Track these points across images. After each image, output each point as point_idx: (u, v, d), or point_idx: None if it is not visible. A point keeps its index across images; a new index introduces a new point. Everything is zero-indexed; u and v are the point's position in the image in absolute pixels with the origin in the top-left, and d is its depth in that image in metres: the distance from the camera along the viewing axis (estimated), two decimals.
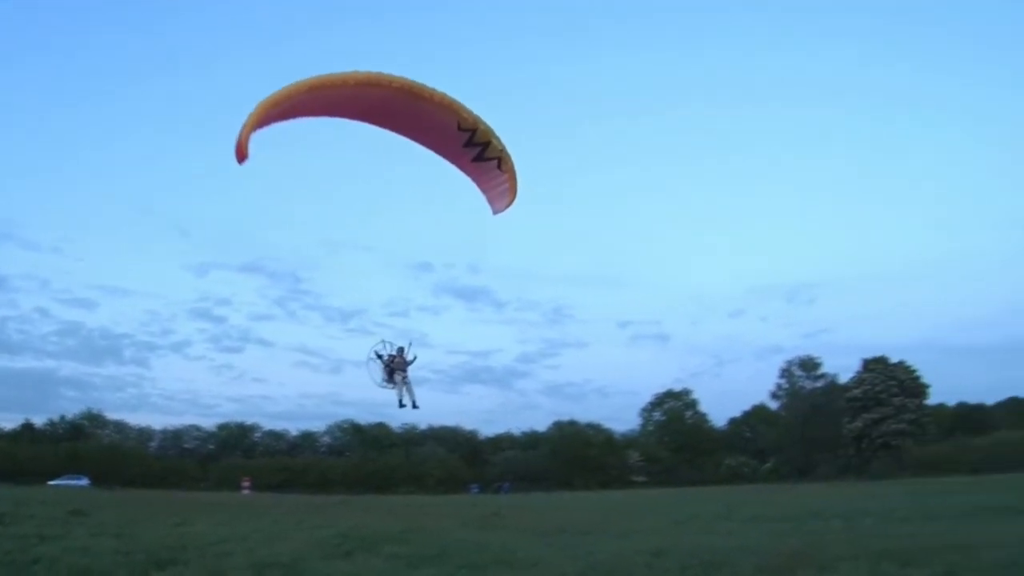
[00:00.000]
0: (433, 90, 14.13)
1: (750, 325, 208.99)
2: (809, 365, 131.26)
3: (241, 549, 21.91)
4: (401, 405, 22.35)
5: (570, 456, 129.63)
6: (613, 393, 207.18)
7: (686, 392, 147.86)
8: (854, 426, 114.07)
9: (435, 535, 28.19)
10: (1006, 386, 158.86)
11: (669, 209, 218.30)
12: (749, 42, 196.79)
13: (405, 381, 22.03)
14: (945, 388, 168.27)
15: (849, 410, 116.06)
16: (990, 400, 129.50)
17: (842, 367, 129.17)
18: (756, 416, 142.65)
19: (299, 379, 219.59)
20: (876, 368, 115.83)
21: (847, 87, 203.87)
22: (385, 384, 22.19)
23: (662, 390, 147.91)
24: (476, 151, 15.17)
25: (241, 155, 12.94)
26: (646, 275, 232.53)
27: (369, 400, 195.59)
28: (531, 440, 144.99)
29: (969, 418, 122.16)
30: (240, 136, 12.90)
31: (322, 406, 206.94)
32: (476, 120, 14.76)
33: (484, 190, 16.06)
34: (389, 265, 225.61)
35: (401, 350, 22.08)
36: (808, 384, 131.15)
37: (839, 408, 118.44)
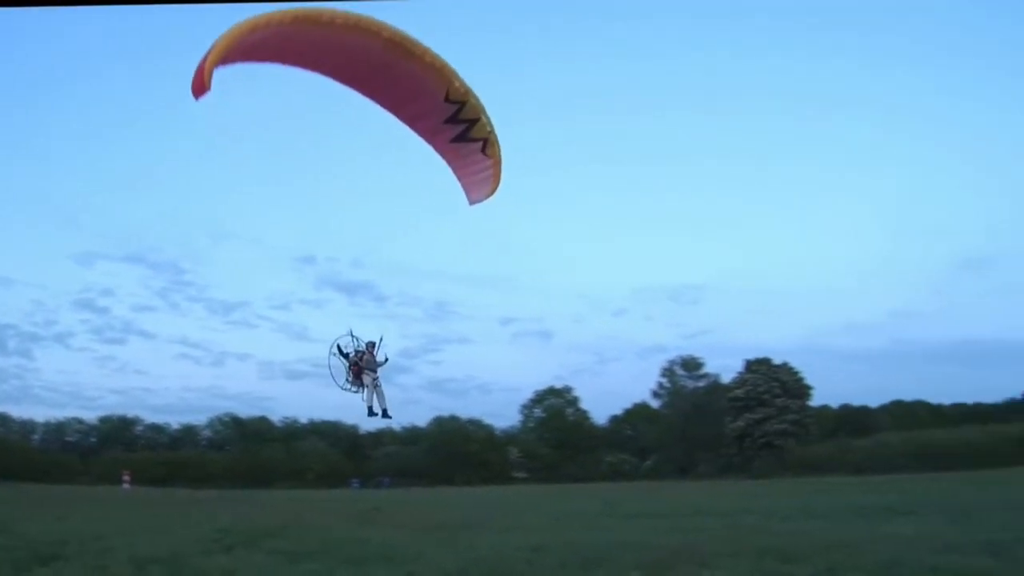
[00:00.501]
0: (426, 48, 12.37)
1: (633, 324, 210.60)
2: (691, 365, 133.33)
3: (122, 544, 21.54)
4: (371, 413, 19.21)
5: (450, 452, 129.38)
6: (495, 389, 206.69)
7: (567, 389, 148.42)
8: (736, 425, 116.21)
9: (316, 530, 28.28)
10: (890, 389, 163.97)
11: (557, 208, 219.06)
12: (624, 49, 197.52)
13: (376, 384, 19.03)
14: (829, 390, 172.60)
15: (731, 410, 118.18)
16: (874, 403, 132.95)
17: (725, 368, 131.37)
18: (637, 414, 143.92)
19: (181, 372, 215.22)
20: (759, 369, 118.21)
21: (728, 91, 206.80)
22: (349, 387, 18.82)
23: (543, 387, 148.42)
24: (460, 129, 13.42)
25: (200, 88, 10.87)
26: (531, 273, 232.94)
27: (250, 393, 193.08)
28: (412, 435, 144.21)
29: (852, 420, 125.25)
30: (203, 64, 10.77)
31: (204, 399, 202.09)
32: (467, 92, 12.99)
33: (461, 176, 14.27)
34: (273, 257, 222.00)
35: (372, 345, 18.89)
36: (690, 383, 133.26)
37: (721, 408, 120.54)
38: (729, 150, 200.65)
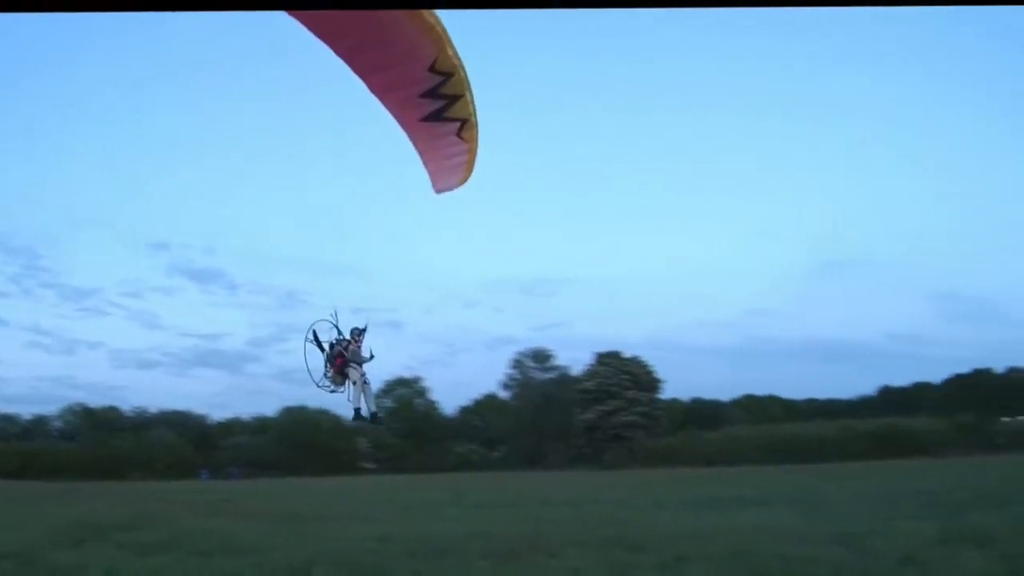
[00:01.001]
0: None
1: (484, 316, 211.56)
2: (541, 356, 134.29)
3: None
4: (358, 416, 15.74)
5: (299, 442, 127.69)
6: None
7: (417, 379, 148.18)
8: (586, 417, 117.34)
9: (165, 522, 27.69)
10: (742, 384, 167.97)
11: (410, 199, 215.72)
12: (480, 48, 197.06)
13: (364, 381, 15.71)
14: (682, 385, 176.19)
15: (581, 401, 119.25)
16: (725, 397, 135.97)
17: (575, 360, 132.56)
18: (487, 405, 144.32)
19: (32, 360, 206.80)
20: (610, 362, 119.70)
21: (584, 87, 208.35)
22: (327, 384, 15.55)
23: (393, 377, 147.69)
24: (437, 106, 11.59)
25: None
26: (383, 263, 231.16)
27: (101, 382, 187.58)
28: (261, 425, 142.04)
29: (703, 413, 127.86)
30: None
31: (56, 389, 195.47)
32: (456, 65, 11.19)
33: (429, 159, 12.67)
34: (127, 243, 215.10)
35: (358, 333, 15.64)
36: (540, 375, 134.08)
37: (571, 399, 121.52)
38: (586, 147, 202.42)
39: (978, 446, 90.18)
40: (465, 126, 11.99)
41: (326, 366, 15.31)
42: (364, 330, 15.28)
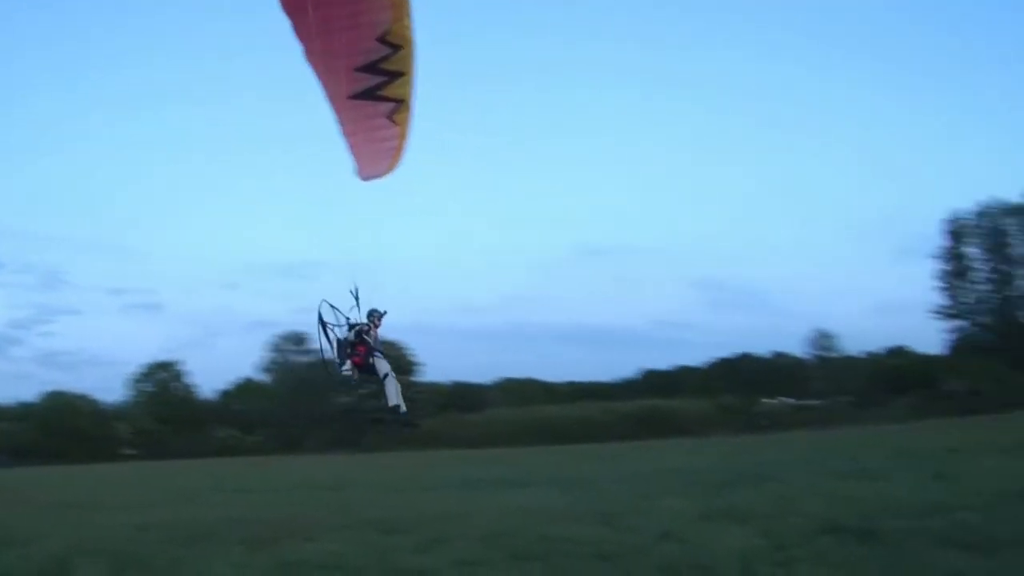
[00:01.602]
0: None
1: (245, 299, 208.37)
2: (298, 339, 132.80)
3: None
4: (400, 414, 14.26)
5: (60, 428, 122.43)
6: (105, 363, 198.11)
7: (175, 363, 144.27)
8: (345, 400, 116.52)
9: None
10: (503, 368, 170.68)
11: (172, 177, 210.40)
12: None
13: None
14: (443, 368, 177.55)
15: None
16: (487, 380, 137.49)
17: None
18: (246, 389, 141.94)
19: None
20: None
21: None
22: (350, 371, 13.81)
23: (152, 360, 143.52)
24: (374, 82, 10.19)
25: None
26: (142, 243, 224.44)
27: None
28: (22, 411, 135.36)
29: (464, 396, 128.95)
30: None
31: None
32: (407, 38, 9.96)
33: (356, 142, 11.27)
34: None
35: (377, 317, 13.79)
36: (298, 358, 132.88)
37: (329, 383, 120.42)
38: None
39: (741, 427, 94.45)
40: (399, 108, 10.83)
41: (342, 354, 13.64)
42: (384, 314, 13.67)
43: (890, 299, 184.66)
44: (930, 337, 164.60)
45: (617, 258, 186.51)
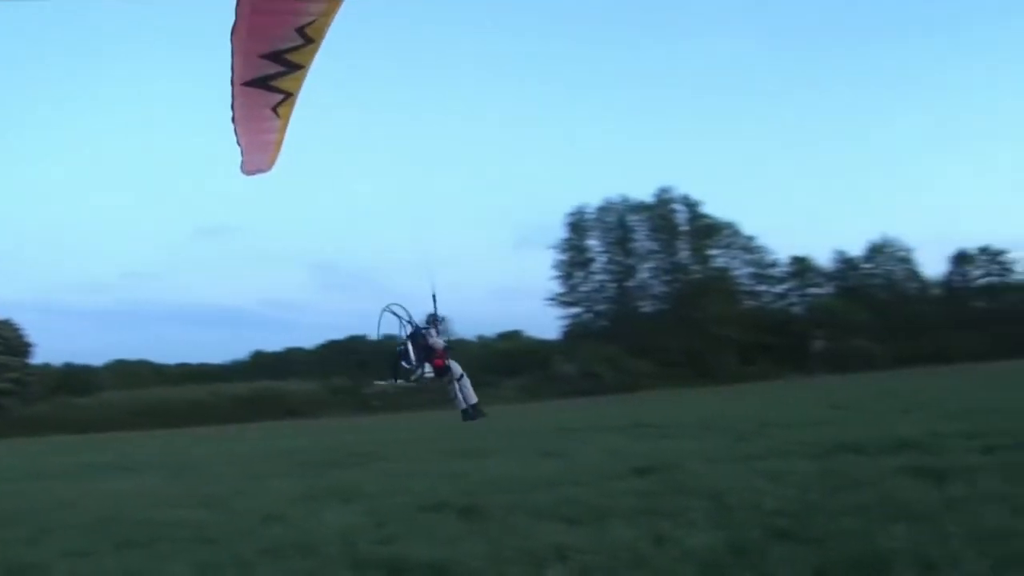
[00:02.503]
0: None
1: None
2: None
3: None
4: (475, 412, 14.61)
5: None
6: None
7: None
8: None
9: None
10: (115, 349, 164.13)
11: None
12: None
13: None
14: (54, 348, 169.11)
15: None
16: (98, 362, 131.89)
17: None
18: None
19: None
20: None
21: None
22: (431, 373, 14.06)
23: None
24: (272, 70, 9.36)
25: None
26: None
27: None
28: None
29: (75, 378, 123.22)
30: None
31: None
32: (322, 32, 9.02)
33: (242, 132, 10.41)
34: None
35: (439, 321, 14.19)
36: None
37: None
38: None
39: (352, 408, 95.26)
40: (284, 102, 10.15)
41: (419, 357, 14.00)
42: (444, 319, 14.12)
43: (509, 286, 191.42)
44: (547, 323, 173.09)
45: (233, 238, 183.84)
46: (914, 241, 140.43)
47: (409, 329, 14.22)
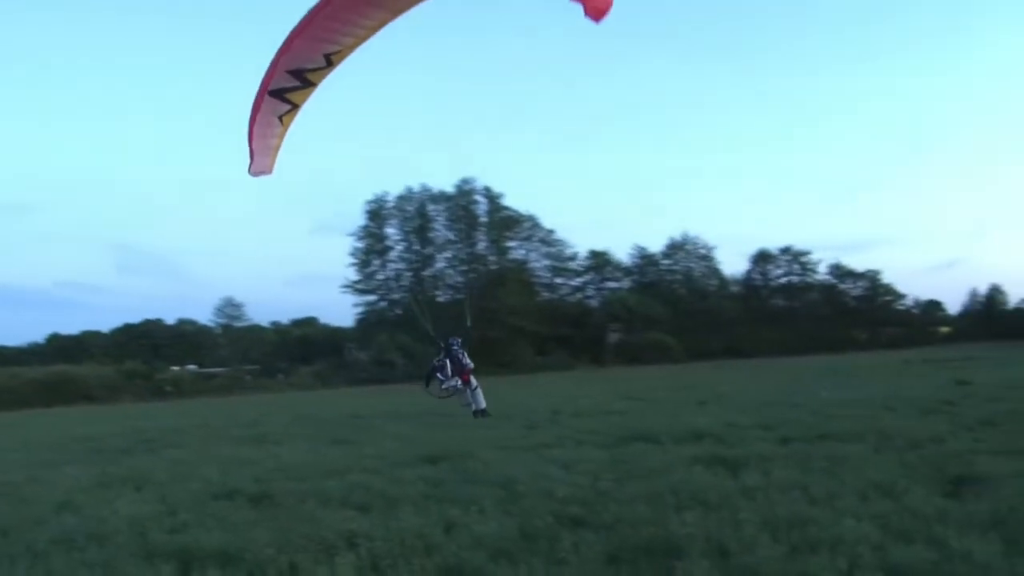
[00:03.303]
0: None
1: None
2: None
3: None
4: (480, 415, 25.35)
5: None
6: None
7: None
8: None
9: None
10: None
11: None
12: None
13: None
14: None
15: None
16: None
17: None
18: None
19: None
20: None
21: None
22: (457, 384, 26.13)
23: None
24: (291, 84, 10.82)
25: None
26: None
27: None
28: None
29: None
30: None
31: None
32: (341, 60, 10.69)
33: (256, 135, 11.51)
34: None
35: (461, 345, 25.82)
36: None
37: None
38: None
39: (147, 393, 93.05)
40: (290, 112, 11.48)
41: (445, 372, 25.39)
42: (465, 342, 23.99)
43: (305, 272, 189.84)
44: (342, 310, 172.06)
45: (28, 217, 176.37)
46: (717, 240, 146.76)
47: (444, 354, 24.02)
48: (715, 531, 10.34)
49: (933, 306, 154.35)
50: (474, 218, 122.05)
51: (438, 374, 29.76)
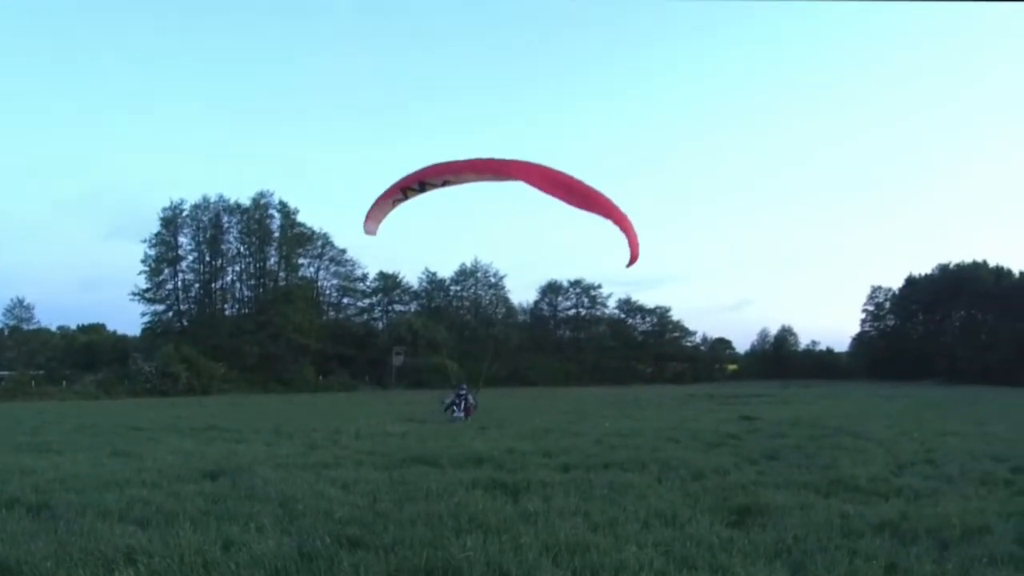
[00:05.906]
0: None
1: None
2: None
3: None
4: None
5: None
6: None
7: None
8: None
9: None
10: None
11: None
12: None
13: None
14: None
15: None
16: None
17: None
18: None
19: None
20: None
21: None
22: (462, 415, 37.48)
23: None
24: (415, 187, 14.16)
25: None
26: None
27: None
28: None
29: None
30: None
31: None
32: (450, 184, 14.28)
33: (377, 209, 14.95)
34: None
35: (468, 390, 39.45)
36: None
37: None
38: None
39: None
40: (400, 201, 14.64)
41: (459, 408, 37.50)
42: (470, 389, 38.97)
43: (95, 276, 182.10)
44: (130, 318, 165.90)
45: None
46: (508, 269, 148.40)
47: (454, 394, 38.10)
48: (496, 555, 10.48)
49: (721, 344, 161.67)
50: (268, 232, 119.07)
51: (453, 408, 38.56)
